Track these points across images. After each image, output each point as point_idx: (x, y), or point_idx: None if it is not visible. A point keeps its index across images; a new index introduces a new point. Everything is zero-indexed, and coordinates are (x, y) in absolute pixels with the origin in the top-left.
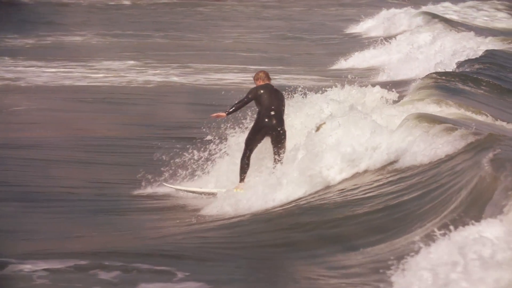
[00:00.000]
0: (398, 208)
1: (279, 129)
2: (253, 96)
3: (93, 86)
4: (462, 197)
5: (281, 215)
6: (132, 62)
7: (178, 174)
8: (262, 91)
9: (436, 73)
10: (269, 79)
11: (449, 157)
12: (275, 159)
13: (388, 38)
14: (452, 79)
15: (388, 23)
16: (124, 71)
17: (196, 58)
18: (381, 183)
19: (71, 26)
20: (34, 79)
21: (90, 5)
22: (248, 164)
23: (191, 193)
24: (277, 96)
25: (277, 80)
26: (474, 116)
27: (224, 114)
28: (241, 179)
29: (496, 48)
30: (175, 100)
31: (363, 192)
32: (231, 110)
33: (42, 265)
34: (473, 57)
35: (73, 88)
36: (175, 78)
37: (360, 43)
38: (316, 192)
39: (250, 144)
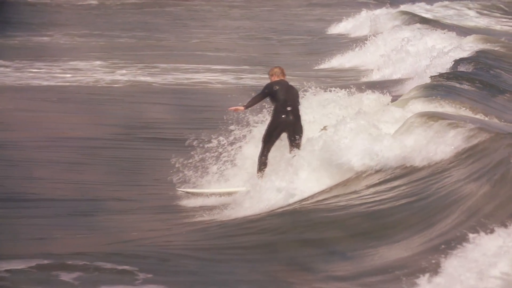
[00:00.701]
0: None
1: (296, 124)
2: (268, 91)
3: (60, 86)
4: None
5: (253, 220)
6: (99, 62)
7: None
8: (277, 87)
9: (439, 75)
10: (284, 75)
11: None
12: (292, 150)
13: (368, 38)
14: (455, 81)
15: (367, 23)
16: (91, 71)
17: (164, 58)
18: (369, 188)
19: (39, 26)
20: (1, 79)
21: (58, 5)
22: (265, 163)
23: (208, 196)
24: (292, 92)
25: (244, 80)
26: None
27: (242, 107)
28: (259, 175)
29: (482, 48)
30: (143, 100)
31: (347, 199)
32: (248, 104)
33: (4, 266)
34: (467, 57)
35: (40, 88)
36: (142, 78)
37: (338, 44)
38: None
39: (268, 142)
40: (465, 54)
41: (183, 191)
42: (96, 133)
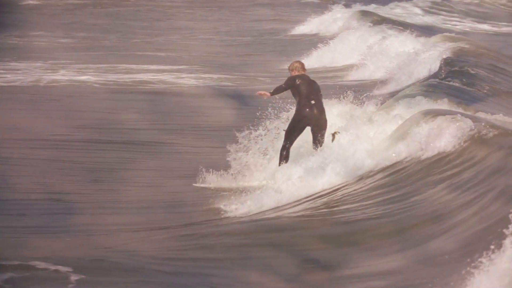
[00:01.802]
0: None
1: (320, 118)
2: (291, 84)
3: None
4: None
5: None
6: (39, 63)
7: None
8: (299, 81)
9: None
10: (304, 69)
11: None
12: (315, 147)
13: (333, 38)
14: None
15: (330, 23)
16: (32, 71)
17: (108, 58)
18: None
19: None
20: None
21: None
22: (287, 157)
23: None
24: (314, 85)
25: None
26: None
27: (269, 94)
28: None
29: (455, 46)
30: (87, 100)
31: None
32: (273, 92)
33: None
34: (450, 57)
35: None
36: (85, 78)
37: (301, 44)
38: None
39: (291, 136)
40: (445, 54)
41: (203, 186)
42: (36, 134)
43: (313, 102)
